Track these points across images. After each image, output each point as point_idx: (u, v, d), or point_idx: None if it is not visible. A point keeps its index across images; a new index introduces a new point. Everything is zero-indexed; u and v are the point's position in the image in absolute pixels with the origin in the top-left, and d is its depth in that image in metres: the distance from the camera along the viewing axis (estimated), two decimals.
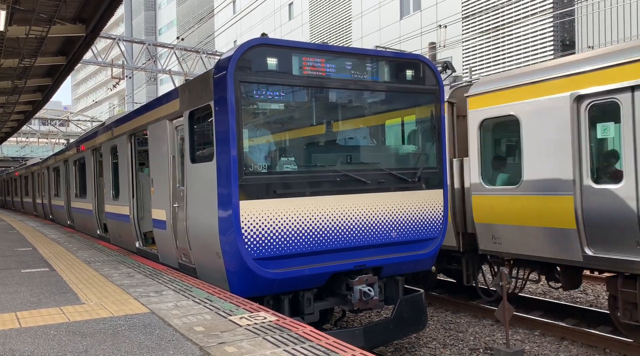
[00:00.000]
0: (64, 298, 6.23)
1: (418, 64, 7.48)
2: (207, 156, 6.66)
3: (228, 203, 6.05)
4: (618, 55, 7.14)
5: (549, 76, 7.93)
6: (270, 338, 4.43)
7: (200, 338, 4.48)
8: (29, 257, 10.03)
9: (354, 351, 4.07)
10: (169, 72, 25.40)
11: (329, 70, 6.72)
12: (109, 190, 11.58)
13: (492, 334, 8.59)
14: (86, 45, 13.39)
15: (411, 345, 8.20)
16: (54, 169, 19.75)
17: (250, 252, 6.05)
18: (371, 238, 6.91)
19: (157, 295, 6.24)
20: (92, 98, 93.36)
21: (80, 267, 8.63)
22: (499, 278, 7.21)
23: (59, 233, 15.02)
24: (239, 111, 6.07)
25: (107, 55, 23.55)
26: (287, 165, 6.56)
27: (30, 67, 14.33)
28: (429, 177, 7.47)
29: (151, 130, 8.77)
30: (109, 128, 11.68)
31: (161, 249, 8.62)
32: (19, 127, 29.42)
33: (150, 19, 79.62)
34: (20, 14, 10.89)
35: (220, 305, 5.67)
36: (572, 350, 7.79)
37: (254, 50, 6.20)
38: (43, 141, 52.63)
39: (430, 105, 7.61)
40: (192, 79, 7.21)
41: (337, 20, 35.54)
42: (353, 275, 6.78)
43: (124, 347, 4.31)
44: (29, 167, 27.49)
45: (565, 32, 22.56)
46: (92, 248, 11.19)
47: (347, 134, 7.27)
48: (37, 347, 4.38)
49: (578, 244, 7.49)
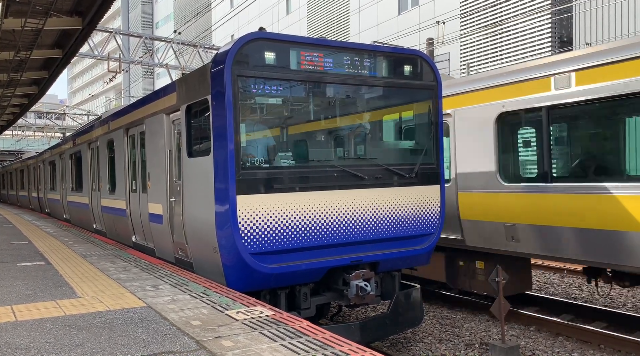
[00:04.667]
0: (60, 292, 6.22)
1: (416, 59, 7.47)
2: (204, 150, 6.64)
3: (225, 197, 6.04)
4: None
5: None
6: (267, 332, 4.43)
7: (196, 332, 4.48)
8: (25, 250, 10.00)
9: (350, 345, 4.08)
10: (165, 66, 25.30)
11: (327, 65, 6.70)
12: (105, 184, 11.55)
13: (487, 329, 8.63)
14: (83, 38, 13.31)
15: (407, 340, 8.23)
16: (50, 163, 19.68)
17: (247, 247, 6.05)
18: (368, 234, 6.91)
19: (154, 289, 6.24)
20: (89, 91, 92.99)
21: (76, 260, 8.61)
22: (494, 274, 7.23)
23: (54, 227, 14.98)
24: (237, 105, 6.05)
25: (103, 48, 23.43)
26: (285, 160, 6.55)
27: (26, 60, 14.24)
28: (426, 172, 7.47)
29: (148, 124, 8.74)
30: (106, 122, 11.64)
31: (157, 243, 8.61)
32: (15, 120, 29.26)
33: (147, 12, 79.24)
34: (16, 6, 10.81)
35: (217, 299, 5.67)
36: (567, 345, 7.83)
37: (251, 44, 6.17)
38: (39, 134, 52.40)
39: (428, 100, 7.61)
40: (189, 73, 7.18)
41: (335, 15, 35.44)
42: (350, 270, 6.79)
43: (120, 341, 4.31)
44: (25, 161, 27.39)
45: (562, 28, 22.56)
46: (88, 242, 11.17)
47: (344, 130, 7.26)
48: (33, 340, 4.37)
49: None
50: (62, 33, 13.60)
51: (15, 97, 20.59)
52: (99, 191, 12.27)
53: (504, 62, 23.63)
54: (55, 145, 19.02)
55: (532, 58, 21.82)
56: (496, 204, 8.46)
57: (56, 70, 16.52)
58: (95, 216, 13.05)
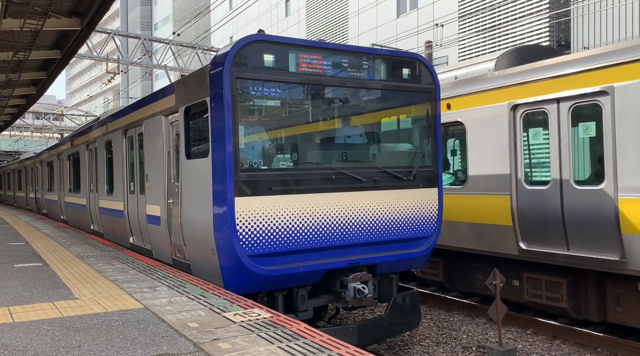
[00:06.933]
0: (57, 293, 6.21)
1: (414, 62, 7.49)
2: (203, 152, 6.64)
3: (223, 199, 6.04)
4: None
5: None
6: (264, 334, 4.43)
7: (194, 334, 4.48)
8: (22, 251, 9.98)
9: (347, 348, 4.08)
10: (164, 67, 25.29)
11: (326, 67, 6.72)
12: (103, 186, 11.54)
13: (485, 332, 8.63)
14: (81, 39, 13.30)
15: (404, 343, 8.23)
16: (48, 163, 19.65)
17: (245, 249, 6.05)
18: (366, 236, 6.92)
19: (151, 291, 6.23)
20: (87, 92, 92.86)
21: (73, 262, 8.59)
22: (492, 277, 7.24)
23: (52, 228, 14.95)
24: (235, 107, 6.06)
25: (102, 49, 23.41)
26: (283, 162, 6.56)
27: (24, 61, 14.23)
28: (424, 175, 7.49)
29: (146, 126, 8.74)
30: (104, 123, 11.63)
31: (155, 245, 8.60)
32: (13, 120, 29.22)
33: (146, 13, 79.25)
34: (15, 7, 10.81)
35: (215, 301, 5.66)
36: (564, 348, 7.84)
37: (250, 46, 6.18)
38: (37, 135, 52.33)
39: (426, 103, 7.63)
40: (188, 75, 7.19)
41: (333, 17, 35.50)
42: (347, 273, 6.80)
43: (118, 343, 4.31)
44: (22, 161, 27.34)
45: (560, 32, 22.63)
46: (86, 243, 11.15)
47: (342, 132, 7.27)
48: (30, 342, 4.36)
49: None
50: (61, 34, 13.60)
51: (13, 98, 20.57)
52: (96, 192, 12.26)
53: None
54: (53, 146, 19.00)
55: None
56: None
57: (55, 71, 16.50)
58: (92, 217, 13.03)
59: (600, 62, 7.17)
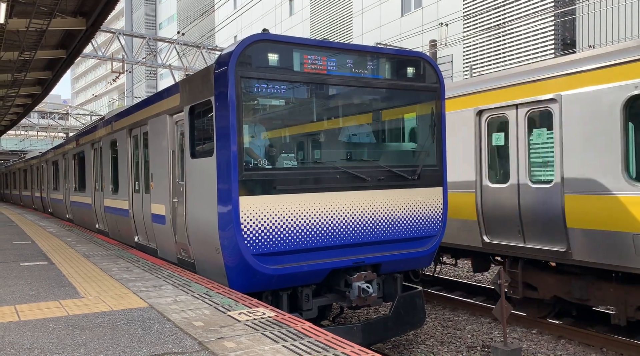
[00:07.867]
0: (63, 292, 6.24)
1: (419, 61, 7.48)
2: (208, 151, 6.66)
3: (228, 198, 6.05)
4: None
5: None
6: (269, 333, 4.44)
7: (199, 333, 4.49)
8: (28, 250, 10.03)
9: (352, 347, 4.08)
10: (169, 66, 25.35)
11: (330, 66, 6.71)
12: (108, 185, 11.58)
13: (489, 332, 8.62)
14: (86, 38, 13.36)
15: (409, 342, 8.22)
16: (53, 163, 19.73)
17: (250, 248, 6.06)
18: (370, 235, 6.92)
19: (156, 290, 6.25)
20: (92, 92, 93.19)
21: (79, 260, 8.63)
22: (497, 276, 7.22)
23: (57, 227, 15.01)
24: (240, 107, 6.07)
25: (107, 49, 23.48)
26: (287, 161, 6.57)
27: (30, 60, 14.31)
28: (428, 174, 7.47)
29: (151, 125, 8.76)
30: (109, 122, 11.66)
31: (160, 244, 8.63)
32: (18, 120, 29.38)
33: (150, 13, 79.41)
34: (21, 7, 10.86)
35: (219, 300, 5.68)
36: (569, 348, 7.82)
37: (255, 45, 6.19)
38: (42, 134, 52.54)
39: (431, 102, 7.61)
40: (192, 74, 7.20)
41: (338, 16, 35.47)
42: (352, 272, 6.80)
43: (123, 341, 4.32)
44: (28, 160, 27.46)
45: (566, 31, 22.54)
46: (91, 242, 11.19)
47: (347, 131, 7.27)
48: (36, 340, 4.38)
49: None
50: (66, 33, 13.66)
51: (19, 97, 20.67)
52: (101, 191, 12.30)
53: (507, 65, 23.61)
54: (59, 145, 19.07)
55: (535, 60, 21.80)
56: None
57: (60, 71, 16.58)
58: (98, 216, 13.08)
59: (552, 73, 7.95)
